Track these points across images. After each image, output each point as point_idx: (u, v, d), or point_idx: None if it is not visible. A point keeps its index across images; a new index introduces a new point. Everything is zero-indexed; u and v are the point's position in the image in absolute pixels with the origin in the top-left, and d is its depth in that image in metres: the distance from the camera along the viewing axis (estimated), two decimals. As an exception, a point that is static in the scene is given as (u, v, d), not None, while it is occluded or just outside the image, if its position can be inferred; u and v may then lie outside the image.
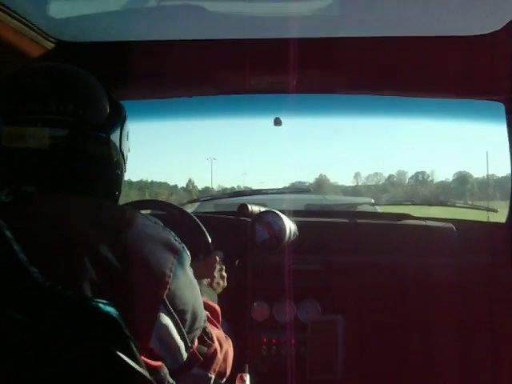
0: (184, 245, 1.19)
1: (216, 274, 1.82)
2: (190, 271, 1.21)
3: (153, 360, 1.09)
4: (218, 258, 1.87)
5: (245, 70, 2.07)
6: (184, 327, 1.14)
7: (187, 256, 1.19)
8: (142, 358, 1.01)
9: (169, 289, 1.09)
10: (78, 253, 1.00)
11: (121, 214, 1.14)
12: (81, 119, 1.15)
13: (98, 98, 1.21)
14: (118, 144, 1.24)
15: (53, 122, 1.12)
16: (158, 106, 2.64)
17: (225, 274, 1.89)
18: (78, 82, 1.19)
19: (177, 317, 1.11)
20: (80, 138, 1.15)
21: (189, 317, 1.16)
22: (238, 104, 2.69)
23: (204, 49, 1.99)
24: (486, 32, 1.82)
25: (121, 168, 1.27)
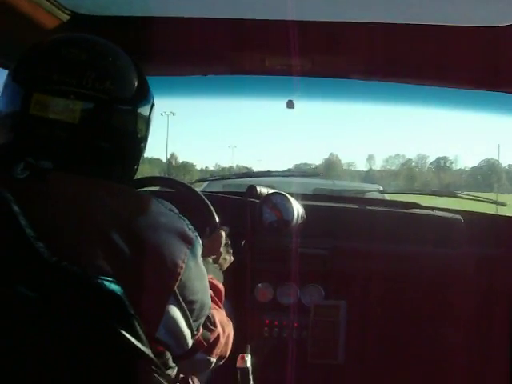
0: (197, 233, 1.18)
1: (222, 249, 1.81)
2: (200, 260, 1.20)
3: (158, 346, 1.09)
4: (223, 233, 1.86)
5: (259, 51, 2.07)
6: (192, 317, 1.14)
7: (199, 245, 1.18)
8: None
9: (180, 280, 1.08)
10: (88, 237, 1.00)
11: (136, 200, 1.13)
12: (114, 97, 1.14)
13: (132, 75, 1.20)
14: (145, 120, 1.24)
15: (87, 97, 1.10)
16: (172, 82, 2.64)
17: (231, 250, 1.89)
18: (115, 59, 1.18)
19: (185, 307, 1.11)
20: (110, 114, 1.14)
21: (197, 306, 1.16)
22: (251, 85, 2.68)
23: (219, 28, 1.98)
24: (501, 24, 1.80)
25: (144, 143, 1.26)
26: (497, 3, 1.77)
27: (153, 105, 1.28)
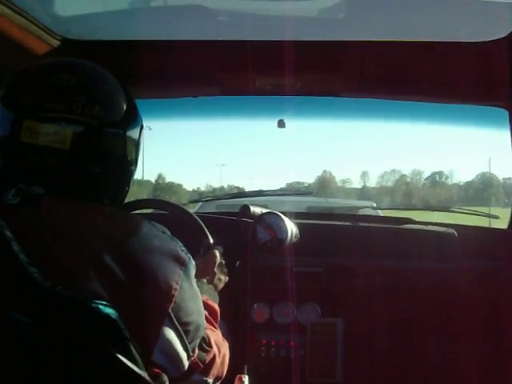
0: (190, 255, 1.18)
1: (216, 269, 1.81)
2: (194, 281, 1.20)
3: (154, 368, 1.08)
4: (217, 253, 1.86)
5: (249, 72, 2.08)
6: (187, 338, 1.14)
7: (193, 266, 1.18)
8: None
9: (174, 302, 1.08)
10: (82, 261, 0.99)
11: (128, 223, 1.13)
12: (103, 122, 1.14)
13: (120, 98, 1.20)
14: (134, 144, 1.24)
15: (77, 123, 1.10)
16: (162, 105, 2.64)
17: (225, 269, 1.88)
18: (104, 83, 1.18)
19: (180, 329, 1.11)
20: (100, 138, 1.14)
21: (192, 327, 1.16)
22: (242, 105, 2.69)
23: (209, 49, 1.99)
24: (490, 39, 1.82)
25: (134, 166, 1.27)
26: (484, 19, 1.79)
27: (142, 127, 1.28)
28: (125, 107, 1.20)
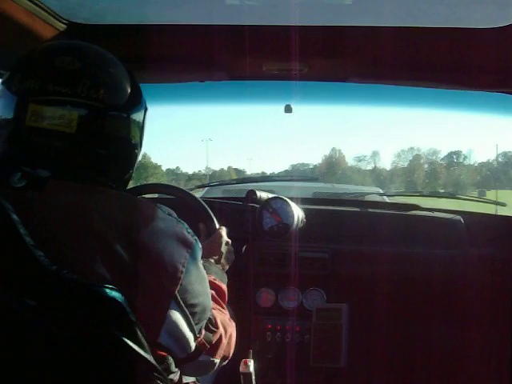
0: (196, 237, 1.19)
1: (223, 249, 1.82)
2: (201, 263, 1.20)
3: (160, 350, 1.09)
4: (223, 233, 1.87)
5: (256, 56, 2.07)
6: (193, 320, 1.15)
7: (199, 248, 1.19)
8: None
9: (181, 284, 1.09)
10: (88, 244, 1.00)
11: (134, 206, 1.13)
12: (109, 104, 1.14)
13: (125, 82, 1.21)
14: (138, 126, 1.24)
15: (82, 106, 1.10)
16: (169, 90, 2.64)
17: (232, 248, 1.89)
18: (108, 66, 1.19)
19: (187, 311, 1.11)
20: (105, 121, 1.15)
21: (198, 309, 1.17)
22: (248, 90, 2.68)
23: (216, 34, 1.98)
24: (498, 25, 1.80)
25: (138, 149, 1.27)
26: (496, 4, 1.78)
27: (146, 110, 1.29)
28: (129, 90, 1.20)
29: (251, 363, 1.94)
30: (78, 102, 1.10)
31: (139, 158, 1.30)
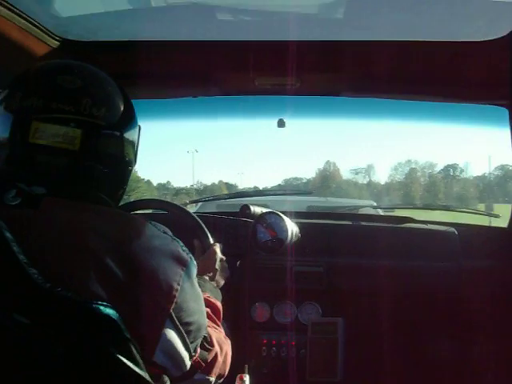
0: (191, 255, 1.19)
1: (217, 266, 1.82)
2: (196, 281, 1.20)
3: (156, 369, 1.09)
4: (218, 250, 1.86)
5: (249, 71, 2.08)
6: (189, 338, 1.14)
7: (194, 266, 1.18)
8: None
9: (175, 302, 1.08)
10: (82, 261, 1.00)
11: (129, 224, 1.13)
12: (109, 122, 1.16)
13: (122, 101, 1.22)
14: (133, 144, 1.26)
15: (85, 124, 1.11)
16: (162, 106, 2.65)
17: (226, 265, 1.89)
18: (107, 85, 1.20)
19: (182, 329, 1.11)
20: (105, 140, 1.16)
21: (194, 327, 1.16)
22: (241, 105, 2.69)
23: (209, 49, 1.99)
24: (491, 38, 1.82)
25: (132, 166, 1.28)
26: (485, 17, 1.79)
27: (139, 128, 1.30)
28: (123, 108, 1.21)
29: (247, 378, 1.93)
30: (80, 120, 1.11)
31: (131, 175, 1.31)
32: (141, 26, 1.95)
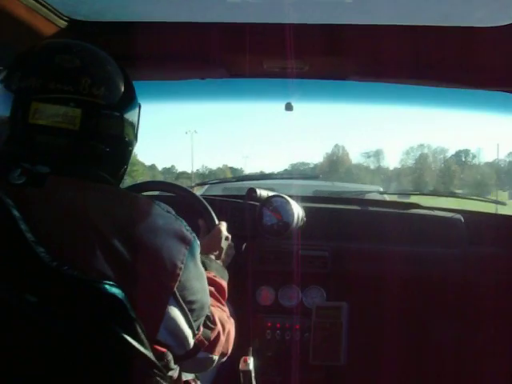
0: (195, 234, 1.20)
1: (223, 244, 1.83)
2: (199, 260, 1.21)
3: (159, 348, 1.09)
4: (223, 228, 1.87)
5: (257, 54, 2.07)
6: (192, 317, 1.15)
7: (198, 245, 1.19)
8: None
9: (179, 281, 1.09)
10: (88, 240, 1.00)
11: (133, 203, 1.14)
12: (108, 101, 1.16)
13: (122, 80, 1.22)
14: (134, 124, 1.26)
15: (85, 103, 1.11)
16: (170, 87, 2.64)
17: (232, 243, 1.90)
18: (106, 64, 1.20)
19: (186, 308, 1.12)
20: (106, 119, 1.16)
21: (197, 306, 1.17)
22: (249, 88, 2.68)
23: (217, 31, 1.98)
24: (498, 24, 1.80)
25: (133, 146, 1.28)
26: (497, 3, 1.77)
27: (140, 107, 1.30)
28: (123, 88, 1.21)
29: (251, 361, 1.94)
30: (80, 100, 1.11)
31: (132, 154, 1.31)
32: (149, 8, 1.94)
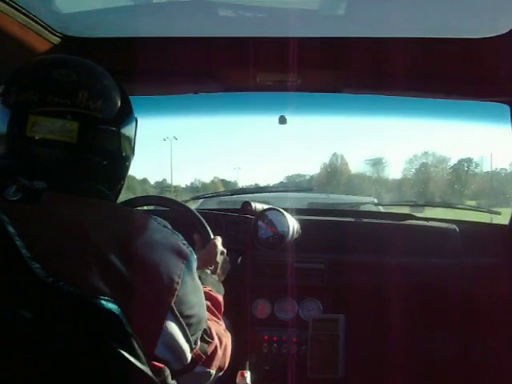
0: (191, 248, 1.19)
1: (218, 259, 1.82)
2: (196, 274, 1.20)
3: (156, 362, 1.09)
4: (218, 243, 1.86)
5: (250, 68, 2.08)
6: (189, 331, 1.14)
7: (194, 259, 1.19)
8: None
9: (176, 295, 1.09)
10: (84, 256, 1.00)
11: (129, 218, 1.13)
12: (105, 115, 1.15)
13: (118, 94, 1.21)
14: (130, 139, 1.26)
15: (82, 116, 1.11)
16: (162, 102, 2.64)
17: (227, 258, 1.89)
18: (103, 78, 1.20)
19: (183, 322, 1.11)
20: (103, 133, 1.15)
21: (194, 320, 1.16)
22: (243, 101, 2.69)
23: (209, 45, 1.99)
24: (492, 35, 1.81)
25: (130, 161, 1.28)
26: (486, 14, 1.79)
27: (136, 122, 1.30)
28: (121, 102, 1.21)
29: (248, 375, 1.94)
30: (77, 113, 1.11)
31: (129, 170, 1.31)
32: (142, 23, 1.94)
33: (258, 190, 3.64)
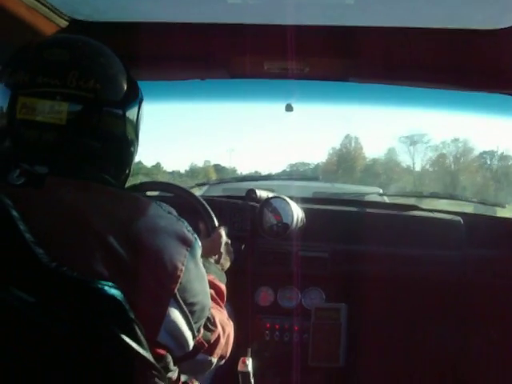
0: (196, 235, 1.18)
1: (222, 249, 1.82)
2: (200, 262, 1.19)
3: (159, 349, 1.09)
4: (223, 233, 1.86)
5: (258, 55, 2.07)
6: (192, 319, 1.14)
7: (199, 247, 1.18)
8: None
9: (180, 283, 1.08)
10: (87, 241, 0.99)
11: (134, 204, 1.12)
12: (100, 95, 1.12)
13: (118, 74, 1.18)
14: (133, 122, 1.22)
15: (72, 97, 1.08)
16: (169, 87, 2.64)
17: (231, 248, 1.89)
18: (99, 56, 1.17)
19: (186, 309, 1.11)
20: (97, 114, 1.12)
21: (197, 308, 1.16)
22: (250, 88, 2.68)
23: (218, 32, 1.98)
24: (499, 27, 1.80)
25: (134, 146, 1.25)
26: (495, 6, 1.77)
27: (141, 107, 1.26)
28: (124, 85, 1.18)
29: (249, 362, 1.94)
30: (67, 93, 1.08)
31: (136, 153, 1.28)
32: (150, 8, 1.93)
33: (262, 177, 3.64)
